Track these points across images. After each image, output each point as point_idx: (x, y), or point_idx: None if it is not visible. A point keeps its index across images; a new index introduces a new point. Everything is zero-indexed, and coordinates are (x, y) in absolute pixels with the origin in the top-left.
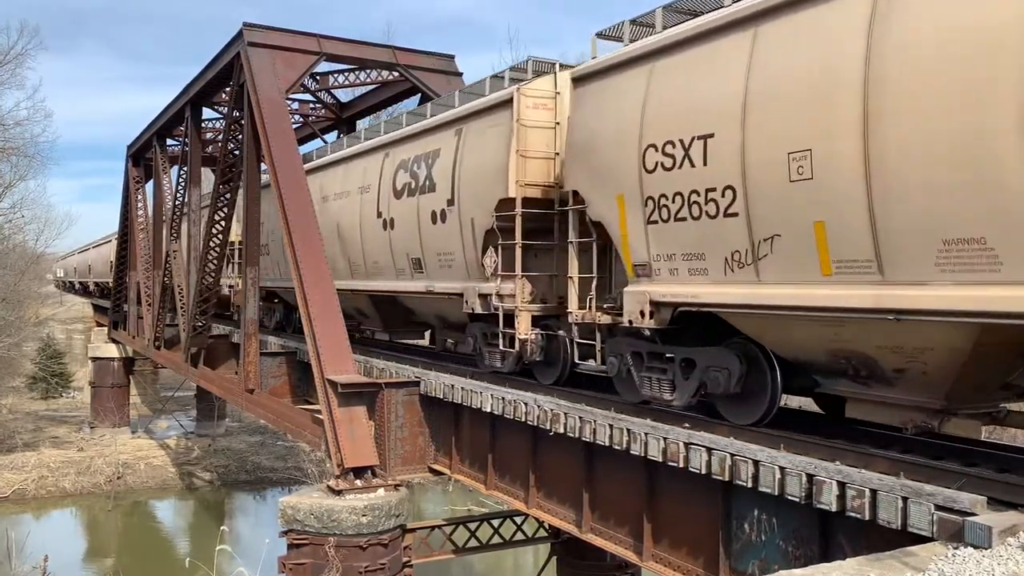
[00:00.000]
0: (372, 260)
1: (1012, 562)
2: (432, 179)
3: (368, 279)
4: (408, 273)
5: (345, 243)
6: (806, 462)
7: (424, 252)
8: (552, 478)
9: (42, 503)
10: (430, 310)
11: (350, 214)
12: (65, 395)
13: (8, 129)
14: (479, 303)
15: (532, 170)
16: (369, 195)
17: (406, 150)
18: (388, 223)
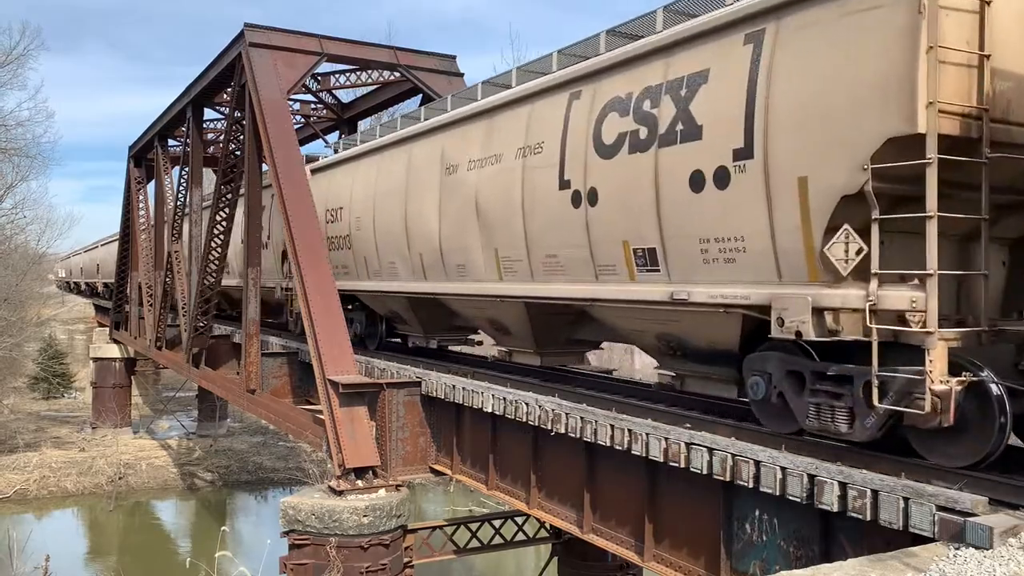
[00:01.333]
0: (545, 251)
1: (1013, 563)
2: (691, 120)
3: (536, 279)
4: (621, 270)
5: (490, 229)
6: (807, 462)
7: (666, 237)
8: (553, 478)
9: (44, 503)
10: (658, 328)
11: (499, 188)
12: (67, 395)
13: (10, 130)
14: (814, 322)
15: (949, 85)
16: (541, 157)
17: (620, 82)
18: (584, 196)
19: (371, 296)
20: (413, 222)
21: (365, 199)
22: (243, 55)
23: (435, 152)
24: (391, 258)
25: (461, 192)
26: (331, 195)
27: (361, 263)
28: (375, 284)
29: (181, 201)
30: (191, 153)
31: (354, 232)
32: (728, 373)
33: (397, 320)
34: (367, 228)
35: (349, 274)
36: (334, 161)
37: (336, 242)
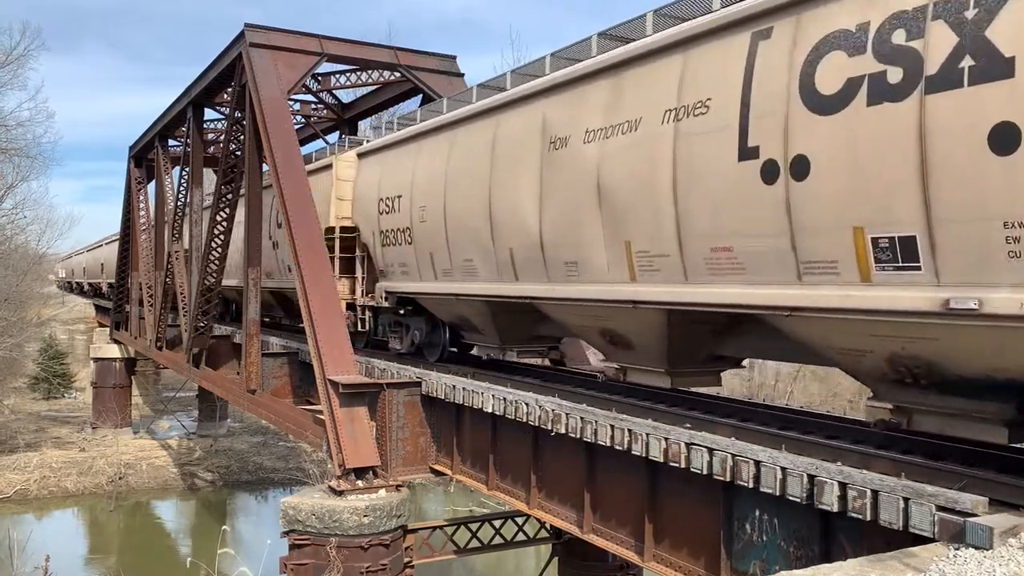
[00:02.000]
0: (711, 244)
1: (1014, 563)
2: (991, 50)
3: (691, 281)
4: (845, 267)
5: (619, 217)
6: (808, 462)
7: (938, 221)
8: (553, 479)
9: (44, 503)
10: (894, 348)
11: (635, 163)
12: (67, 396)
13: (10, 130)
14: None
15: None
16: (706, 120)
17: (846, 11)
18: (784, 167)
19: (435, 300)
20: (501, 210)
21: (432, 185)
22: (243, 55)
23: (532, 123)
24: (467, 254)
25: (572, 171)
26: (385, 182)
27: (425, 261)
28: (443, 285)
29: (181, 201)
30: (191, 153)
31: (417, 224)
32: (1002, 410)
33: (466, 328)
34: (435, 219)
35: (408, 273)
36: (390, 142)
37: (392, 236)
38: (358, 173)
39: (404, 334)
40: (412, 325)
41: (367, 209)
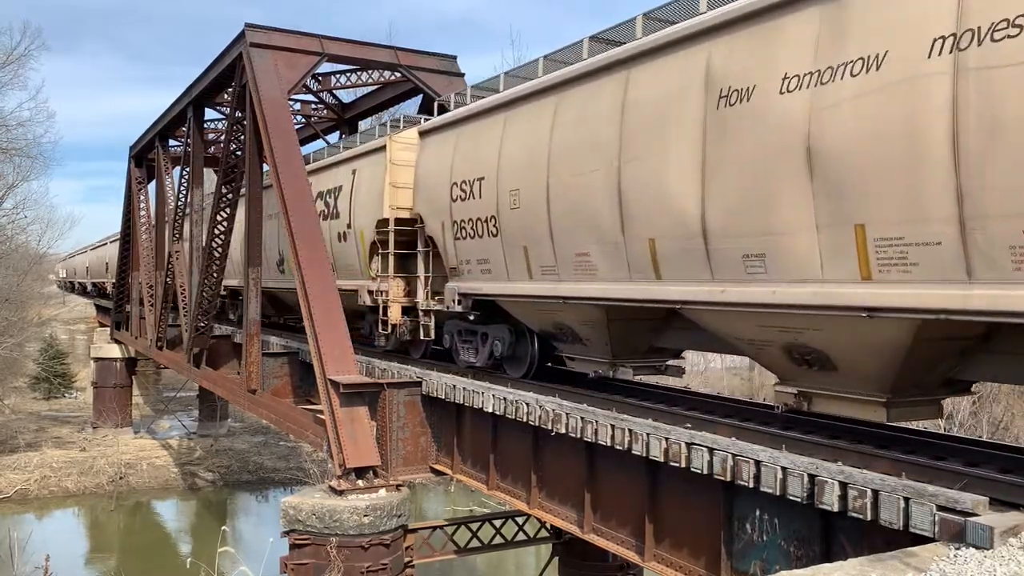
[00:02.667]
0: None
1: (1014, 563)
2: None
3: (964, 280)
4: None
5: (846, 192)
6: (808, 462)
7: None
8: (554, 478)
9: (44, 503)
10: None
11: (879, 118)
12: (68, 395)
13: (11, 130)
14: None
15: None
16: None
17: None
18: None
19: (528, 305)
20: (636, 191)
21: (529, 163)
22: (244, 55)
23: (688, 74)
24: (580, 247)
25: (760, 134)
26: (461, 162)
27: (516, 256)
28: (542, 286)
29: (182, 201)
30: (192, 153)
31: (505, 212)
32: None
33: (564, 338)
34: (533, 205)
35: (491, 272)
36: (466, 115)
37: (469, 227)
38: (421, 154)
39: (480, 345)
40: (491, 334)
41: (435, 196)
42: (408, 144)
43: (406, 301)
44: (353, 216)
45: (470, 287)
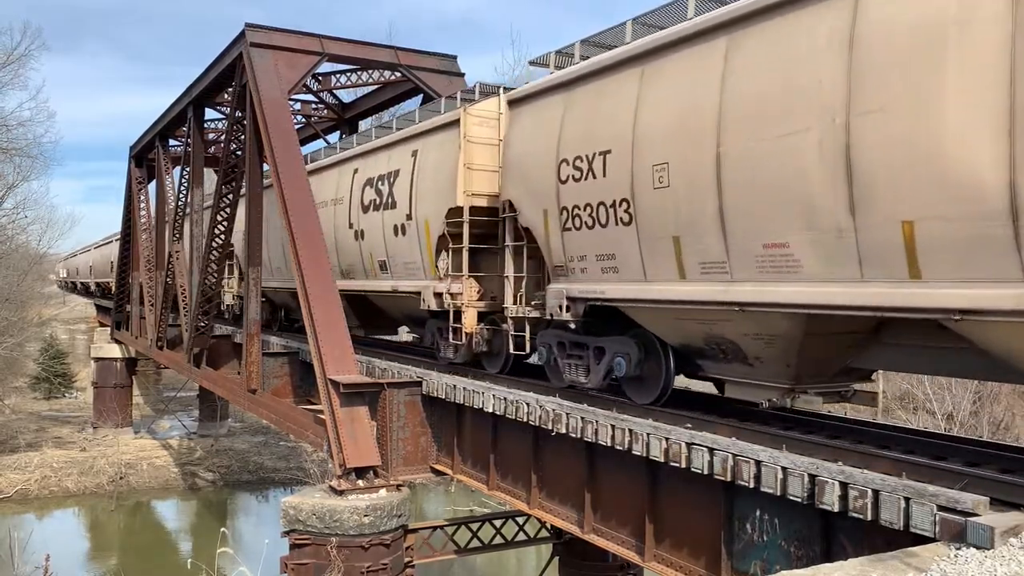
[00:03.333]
0: None
1: (1015, 563)
2: None
3: None
4: None
5: None
6: (808, 462)
7: None
8: (554, 479)
9: (45, 503)
10: None
11: None
12: (68, 395)
13: (11, 130)
14: None
15: None
16: None
17: None
18: None
19: (666, 312)
20: (880, 153)
21: (682, 127)
22: (244, 55)
23: None
24: (774, 235)
25: None
26: (573, 134)
27: (660, 249)
28: (702, 288)
29: (182, 201)
30: (192, 153)
31: (644, 193)
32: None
33: (716, 355)
34: (691, 181)
35: (617, 271)
36: (575, 76)
37: (586, 215)
38: (512, 128)
39: (592, 361)
40: (610, 349)
41: (533, 177)
42: (487, 117)
43: (483, 306)
44: (415, 205)
45: (585, 289)
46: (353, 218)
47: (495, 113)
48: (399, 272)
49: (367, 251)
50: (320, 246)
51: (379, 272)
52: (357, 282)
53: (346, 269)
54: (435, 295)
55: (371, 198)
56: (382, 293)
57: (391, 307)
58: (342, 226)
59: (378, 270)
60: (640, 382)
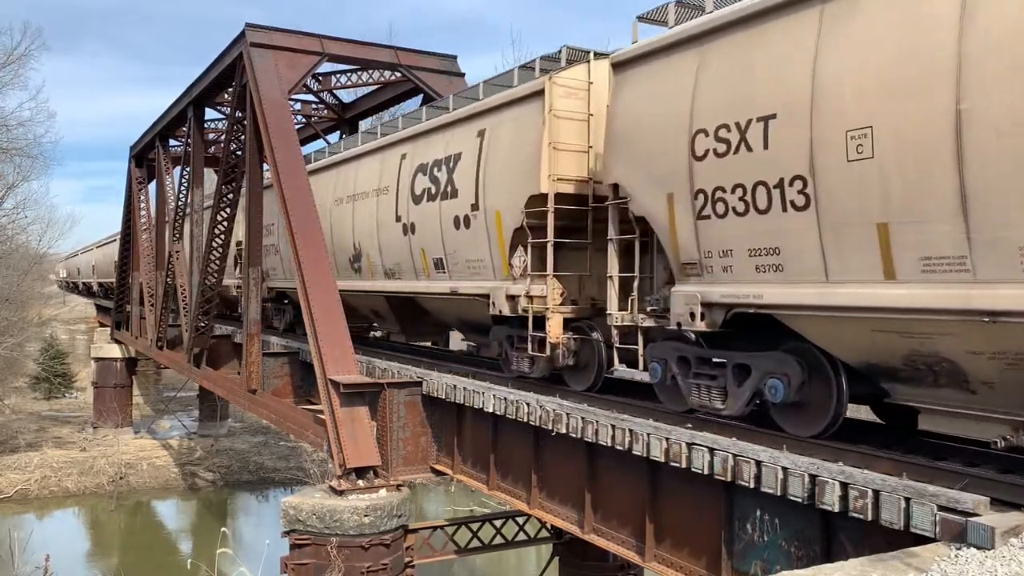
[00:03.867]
0: None
1: (1015, 563)
2: None
3: None
4: None
5: None
6: (808, 462)
7: None
8: (554, 479)
9: (45, 503)
10: None
11: None
12: (68, 395)
13: (11, 130)
14: None
15: None
16: None
17: None
18: None
19: (852, 324)
20: None
21: (895, 80)
22: (244, 55)
23: None
24: None
25: None
26: (711, 96)
27: (853, 240)
28: (924, 292)
29: (182, 201)
30: (192, 153)
31: (830, 168)
32: None
33: (914, 377)
34: (910, 150)
35: (782, 268)
36: (716, 25)
37: (736, 198)
38: (619, 96)
39: (732, 382)
40: (758, 367)
41: (654, 154)
42: (576, 88)
43: (569, 311)
44: (482, 194)
45: (730, 293)
46: (401, 210)
47: (584, 82)
48: (459, 271)
49: (418, 247)
50: (320, 246)
51: (433, 271)
52: (404, 283)
53: (391, 268)
54: (508, 298)
55: (423, 187)
56: (436, 296)
57: (443, 311)
58: (386, 220)
59: (432, 269)
60: (800, 409)
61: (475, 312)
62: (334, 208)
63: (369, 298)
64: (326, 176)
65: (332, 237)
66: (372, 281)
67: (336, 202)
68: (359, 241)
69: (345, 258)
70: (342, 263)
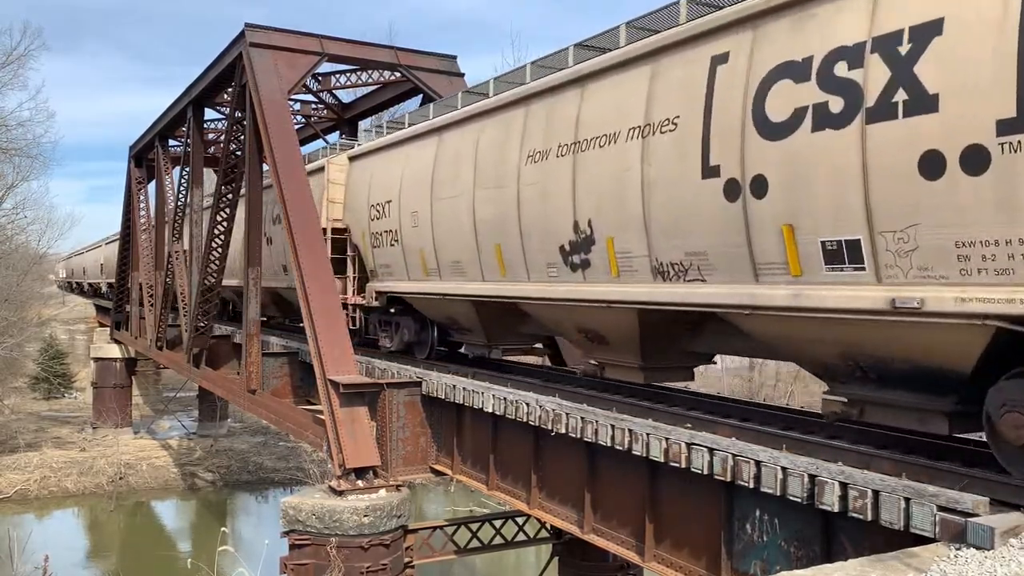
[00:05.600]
0: None
1: (1015, 563)
2: None
3: None
4: None
5: None
6: (808, 462)
7: None
8: (554, 479)
9: (44, 503)
10: None
11: None
12: (67, 396)
13: (11, 130)
14: None
15: None
16: None
17: None
18: None
19: None
20: None
21: None
22: (244, 55)
23: None
24: None
25: None
26: None
27: None
28: None
29: (182, 201)
30: (192, 153)
31: None
32: None
33: None
34: None
35: None
36: None
37: None
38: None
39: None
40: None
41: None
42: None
43: None
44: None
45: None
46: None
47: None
48: None
49: None
50: (320, 246)
51: None
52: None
53: None
54: None
55: None
56: None
57: None
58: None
59: None
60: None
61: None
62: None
63: None
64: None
65: None
66: None
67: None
68: None
69: None
70: None
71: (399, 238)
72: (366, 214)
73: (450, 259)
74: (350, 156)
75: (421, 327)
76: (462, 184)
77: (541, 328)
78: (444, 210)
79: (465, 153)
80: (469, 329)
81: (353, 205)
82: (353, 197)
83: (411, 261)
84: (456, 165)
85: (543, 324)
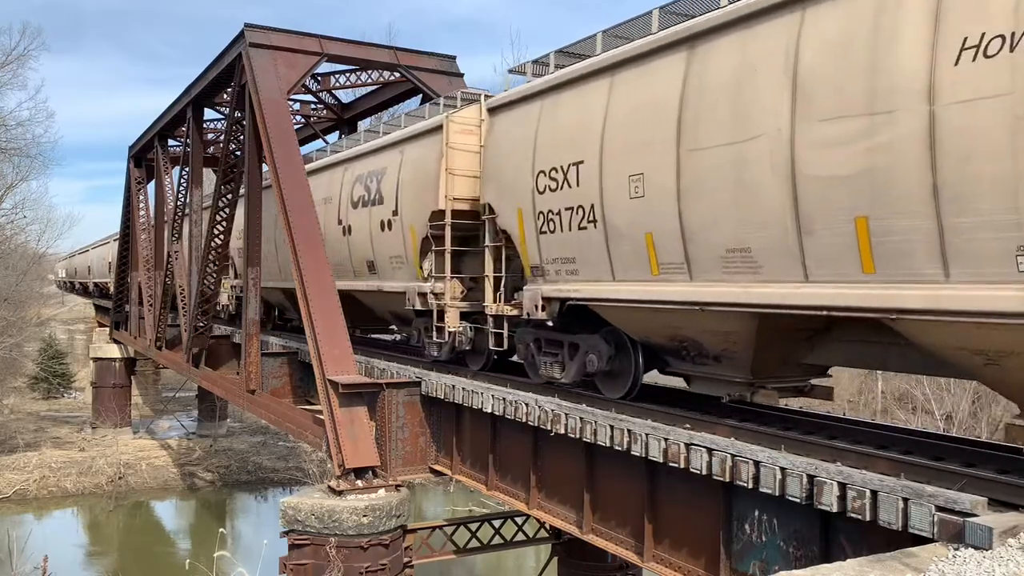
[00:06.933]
0: None
1: (1013, 563)
2: None
3: None
4: None
5: None
6: (807, 463)
7: None
8: (553, 479)
9: (43, 503)
10: None
11: None
12: (67, 395)
13: (10, 130)
14: None
15: None
16: None
17: None
18: None
19: None
20: None
21: None
22: (243, 55)
23: None
24: None
25: None
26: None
27: None
28: None
29: (181, 201)
30: (191, 153)
31: None
32: None
33: None
34: None
35: None
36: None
37: None
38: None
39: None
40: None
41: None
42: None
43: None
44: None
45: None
46: None
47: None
48: None
49: None
50: (319, 246)
51: None
52: None
53: None
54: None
55: None
56: None
57: None
58: None
59: None
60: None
61: None
62: None
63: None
64: None
65: None
66: None
67: None
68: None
69: None
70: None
71: (598, 216)
72: (528, 185)
73: (720, 246)
74: (490, 107)
75: (617, 350)
76: (759, 119)
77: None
78: (709, 166)
79: (767, 64)
80: (716, 357)
81: (499, 175)
82: (499, 163)
83: (622, 251)
84: (739, 90)
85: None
